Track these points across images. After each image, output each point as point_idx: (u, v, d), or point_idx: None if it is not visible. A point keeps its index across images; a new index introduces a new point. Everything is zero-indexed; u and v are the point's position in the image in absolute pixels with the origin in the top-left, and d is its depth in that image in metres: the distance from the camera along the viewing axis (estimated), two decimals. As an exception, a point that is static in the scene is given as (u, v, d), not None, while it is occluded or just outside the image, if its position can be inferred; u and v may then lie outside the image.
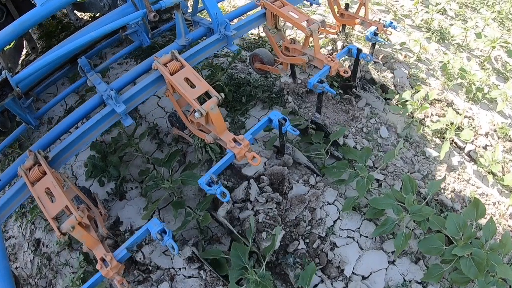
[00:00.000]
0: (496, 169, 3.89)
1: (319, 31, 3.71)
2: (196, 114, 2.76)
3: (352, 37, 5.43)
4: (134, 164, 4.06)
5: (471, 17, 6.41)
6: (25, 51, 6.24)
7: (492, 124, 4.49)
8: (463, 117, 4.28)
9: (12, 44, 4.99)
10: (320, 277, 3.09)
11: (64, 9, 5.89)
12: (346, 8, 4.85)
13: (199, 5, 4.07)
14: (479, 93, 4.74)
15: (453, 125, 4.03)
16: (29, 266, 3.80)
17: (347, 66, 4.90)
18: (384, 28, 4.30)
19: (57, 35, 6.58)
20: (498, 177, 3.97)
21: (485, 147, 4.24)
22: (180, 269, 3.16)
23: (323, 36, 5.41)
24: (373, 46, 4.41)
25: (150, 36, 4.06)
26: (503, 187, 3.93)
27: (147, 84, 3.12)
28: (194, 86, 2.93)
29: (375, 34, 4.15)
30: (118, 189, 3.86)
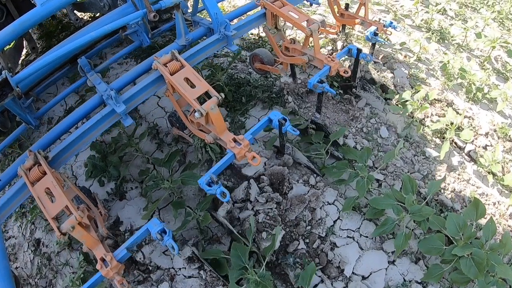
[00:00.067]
0: (496, 169, 3.89)
1: (319, 31, 3.71)
2: (196, 114, 2.75)
3: (352, 37, 5.43)
4: (134, 164, 4.06)
5: (471, 17, 6.41)
6: (25, 51, 6.23)
7: (492, 124, 4.49)
8: (463, 117, 4.28)
9: (12, 44, 4.99)
10: (320, 277, 3.09)
11: (64, 9, 5.89)
12: (346, 8, 4.84)
13: (199, 5, 4.07)
14: (479, 93, 4.73)
15: (453, 125, 4.03)
16: (29, 266, 3.80)
17: (348, 66, 4.90)
18: (384, 28, 4.30)
19: (57, 35, 6.58)
20: (498, 177, 3.97)
21: (485, 147, 4.24)
22: (180, 269, 3.15)
23: (323, 36, 5.41)
24: (373, 46, 4.41)
25: (150, 36, 4.06)
26: (503, 187, 3.93)
27: (147, 84, 3.12)
28: (194, 86, 2.93)
29: (375, 34, 4.15)
30: (118, 189, 3.86)
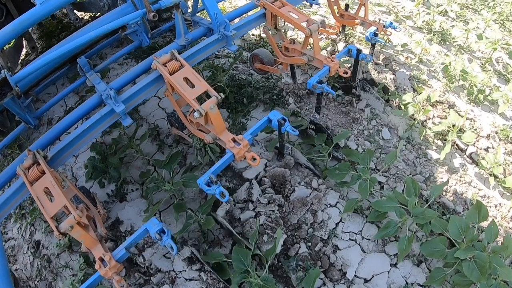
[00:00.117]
0: (497, 171, 3.88)
1: (319, 32, 3.70)
2: (196, 114, 2.73)
3: (353, 38, 5.42)
4: (134, 165, 4.03)
5: (472, 19, 6.41)
6: (24, 51, 6.22)
7: (494, 126, 4.48)
8: (465, 119, 4.27)
9: (12, 44, 4.98)
10: (322, 279, 3.06)
11: (64, 9, 5.88)
12: (346, 8, 4.83)
13: (199, 5, 4.05)
14: (480, 95, 4.72)
15: (455, 127, 4.01)
16: (28, 268, 3.77)
17: (348, 67, 4.89)
18: (384, 29, 4.29)
19: (57, 35, 6.55)
20: (500, 179, 3.96)
21: (486, 149, 4.22)
22: (181, 271, 3.13)
23: (325, 37, 5.39)
24: (373, 46, 4.40)
25: (149, 36, 4.04)
26: (504, 189, 3.92)
27: (146, 84, 3.10)
28: (193, 86, 2.92)
29: (375, 35, 4.14)
30: (118, 190, 3.83)
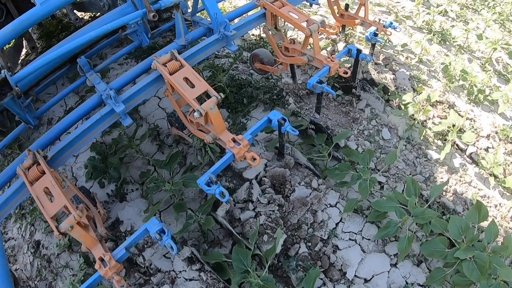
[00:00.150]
0: (497, 171, 3.88)
1: (319, 32, 3.70)
2: (196, 114, 2.73)
3: (353, 38, 5.42)
4: (134, 165, 4.03)
5: (472, 19, 6.41)
6: (24, 51, 6.22)
7: (494, 126, 4.48)
8: (465, 119, 4.27)
9: (12, 44, 4.98)
10: (322, 279, 3.06)
11: (64, 9, 5.88)
12: (346, 8, 4.83)
13: (199, 5, 4.05)
14: (480, 95, 4.72)
15: (455, 127, 4.01)
16: (28, 268, 3.77)
17: (348, 67, 4.88)
18: (384, 29, 4.29)
19: (57, 35, 6.55)
20: (500, 179, 3.96)
21: (486, 149, 4.22)
22: (181, 271, 3.12)
23: (325, 37, 5.39)
24: (373, 46, 4.40)
25: (149, 36, 4.04)
26: (504, 189, 3.92)
27: (146, 84, 3.10)
28: (193, 86, 2.92)
29: (375, 35, 4.14)
30: (118, 190, 3.82)
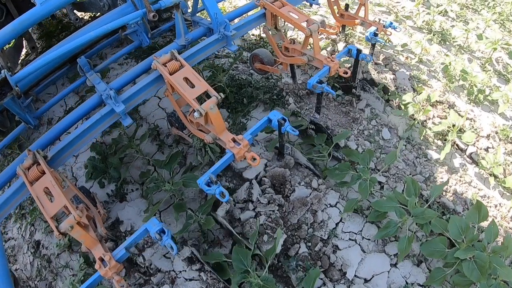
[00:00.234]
0: (497, 171, 3.88)
1: (319, 32, 3.69)
2: (196, 114, 2.73)
3: (353, 38, 5.42)
4: (134, 165, 4.02)
5: (472, 19, 6.41)
6: (24, 51, 6.22)
7: (494, 126, 4.48)
8: (465, 119, 4.27)
9: (12, 44, 4.98)
10: (322, 279, 3.06)
11: (64, 9, 5.88)
12: (346, 8, 4.83)
13: (199, 5, 4.05)
14: (480, 95, 4.72)
15: (455, 127, 4.01)
16: (28, 268, 3.77)
17: (348, 67, 4.88)
18: (384, 29, 4.29)
19: (57, 35, 6.55)
20: (500, 179, 3.96)
21: (486, 149, 4.22)
22: (181, 271, 3.12)
23: (325, 37, 5.39)
24: (373, 46, 4.40)
25: (149, 36, 4.04)
26: (504, 189, 3.92)
27: (146, 84, 3.10)
28: (193, 86, 2.92)
29: (375, 35, 4.14)
30: (118, 190, 3.82)
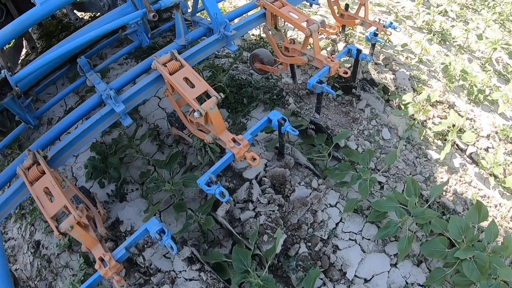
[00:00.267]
0: (497, 171, 3.88)
1: (319, 32, 3.69)
2: (195, 114, 2.73)
3: (354, 38, 5.41)
4: (134, 165, 4.02)
5: (472, 19, 6.41)
6: (24, 51, 6.22)
7: (494, 126, 4.48)
8: (465, 119, 4.27)
9: (12, 44, 4.98)
10: (322, 279, 3.06)
11: (64, 9, 5.88)
12: (346, 8, 4.83)
13: (199, 5, 4.05)
14: (480, 95, 4.72)
15: (455, 127, 4.01)
16: (28, 268, 3.76)
17: (348, 67, 4.88)
18: (384, 29, 4.29)
19: (57, 35, 6.55)
20: (500, 179, 3.96)
21: (486, 149, 4.22)
22: (181, 271, 3.12)
23: (325, 37, 5.39)
24: (373, 46, 4.40)
25: (149, 36, 4.04)
26: (504, 189, 3.92)
27: (146, 84, 3.10)
28: (193, 86, 2.92)
29: (375, 35, 4.14)
30: (118, 190, 3.82)
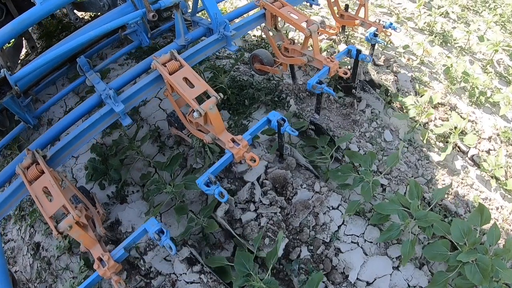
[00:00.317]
0: (499, 174, 3.87)
1: (319, 32, 3.68)
2: (195, 114, 2.73)
3: (354, 39, 5.40)
4: (135, 167, 3.99)
5: (473, 20, 6.40)
6: (24, 50, 6.20)
7: (495, 128, 4.47)
8: (466, 121, 4.25)
9: (12, 43, 4.96)
10: (324, 283, 3.04)
11: (64, 9, 5.87)
12: (346, 9, 4.82)
13: (199, 5, 4.04)
14: (482, 97, 4.71)
15: (456, 129, 3.99)
16: (28, 270, 3.74)
17: (349, 68, 4.87)
18: (384, 29, 4.28)
19: (57, 35, 6.53)
20: (501, 182, 3.94)
21: (488, 152, 4.21)
22: (181, 274, 3.10)
23: (325, 38, 5.37)
24: (372, 47, 4.40)
25: (149, 36, 4.02)
26: (506, 192, 3.90)
27: (146, 84, 3.09)
28: (193, 86, 2.91)
29: (375, 35, 4.13)
30: (119, 192, 3.79)
